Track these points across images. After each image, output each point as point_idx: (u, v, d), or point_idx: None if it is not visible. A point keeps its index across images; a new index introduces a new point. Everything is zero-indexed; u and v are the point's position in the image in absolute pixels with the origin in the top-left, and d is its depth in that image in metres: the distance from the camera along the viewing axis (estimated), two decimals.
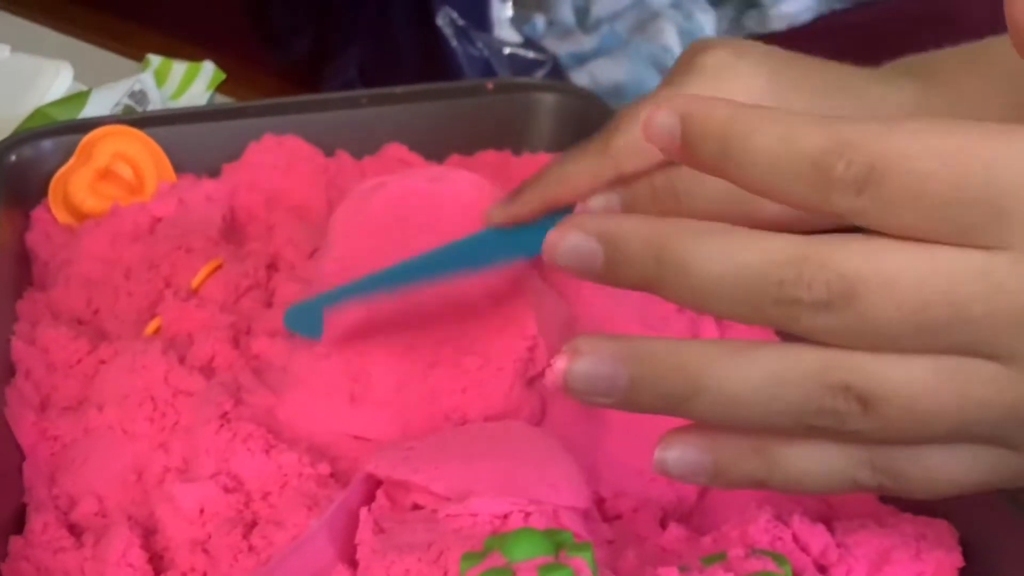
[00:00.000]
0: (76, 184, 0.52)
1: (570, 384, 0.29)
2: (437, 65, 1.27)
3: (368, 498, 0.37)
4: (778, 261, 0.27)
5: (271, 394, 0.42)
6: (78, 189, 0.52)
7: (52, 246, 0.52)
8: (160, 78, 0.65)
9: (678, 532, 0.38)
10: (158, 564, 0.38)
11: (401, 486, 0.37)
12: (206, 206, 0.52)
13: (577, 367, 0.28)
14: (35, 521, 0.39)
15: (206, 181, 0.54)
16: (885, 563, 0.36)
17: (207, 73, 0.66)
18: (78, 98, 0.61)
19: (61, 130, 0.55)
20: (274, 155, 0.55)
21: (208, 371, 0.43)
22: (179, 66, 0.65)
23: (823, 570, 0.36)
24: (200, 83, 0.65)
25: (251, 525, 0.38)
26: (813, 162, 0.27)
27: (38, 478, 0.41)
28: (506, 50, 1.32)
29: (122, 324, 0.47)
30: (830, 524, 0.37)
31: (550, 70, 1.34)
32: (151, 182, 0.54)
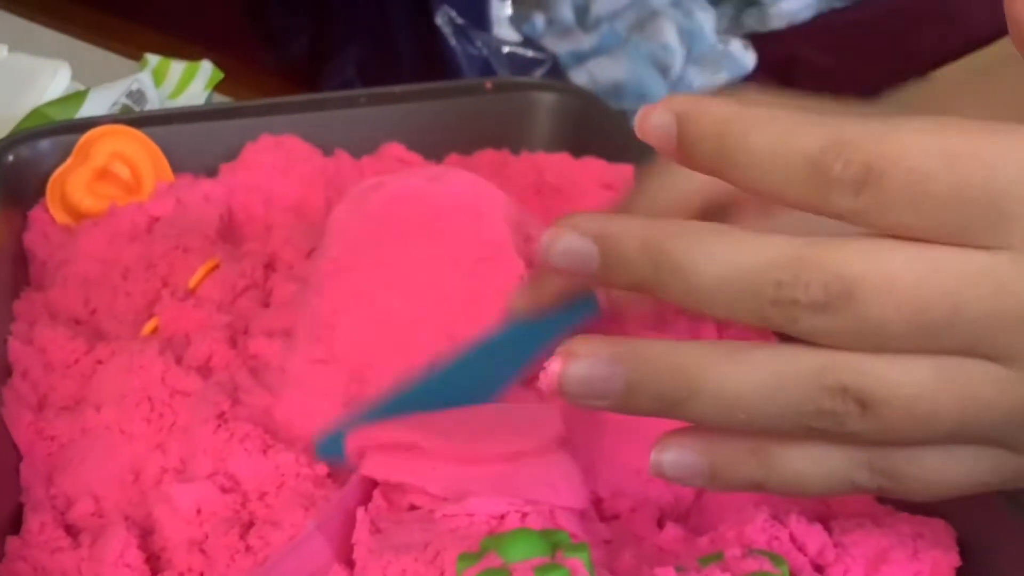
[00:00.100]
0: (74, 184, 0.52)
1: (565, 387, 0.28)
2: (436, 64, 1.27)
3: (365, 498, 0.37)
4: (775, 262, 0.27)
5: (268, 394, 0.42)
6: (76, 189, 0.52)
7: (49, 246, 0.52)
8: (158, 77, 0.65)
9: (675, 532, 0.38)
10: (155, 564, 0.38)
11: (398, 487, 0.37)
12: (204, 206, 0.52)
13: (573, 370, 0.28)
14: (32, 521, 0.39)
15: (204, 181, 0.54)
16: (882, 563, 0.36)
17: (205, 72, 0.66)
18: (75, 98, 0.61)
19: (59, 130, 0.55)
20: (272, 155, 0.55)
21: (205, 371, 0.43)
22: (177, 65, 0.65)
23: (820, 570, 0.36)
24: (198, 82, 0.65)
25: (248, 525, 0.38)
26: (810, 162, 0.27)
27: (35, 478, 0.41)
28: (505, 49, 1.32)
29: (119, 324, 0.47)
30: (827, 524, 0.37)
31: (549, 69, 1.34)
32: (149, 182, 0.54)
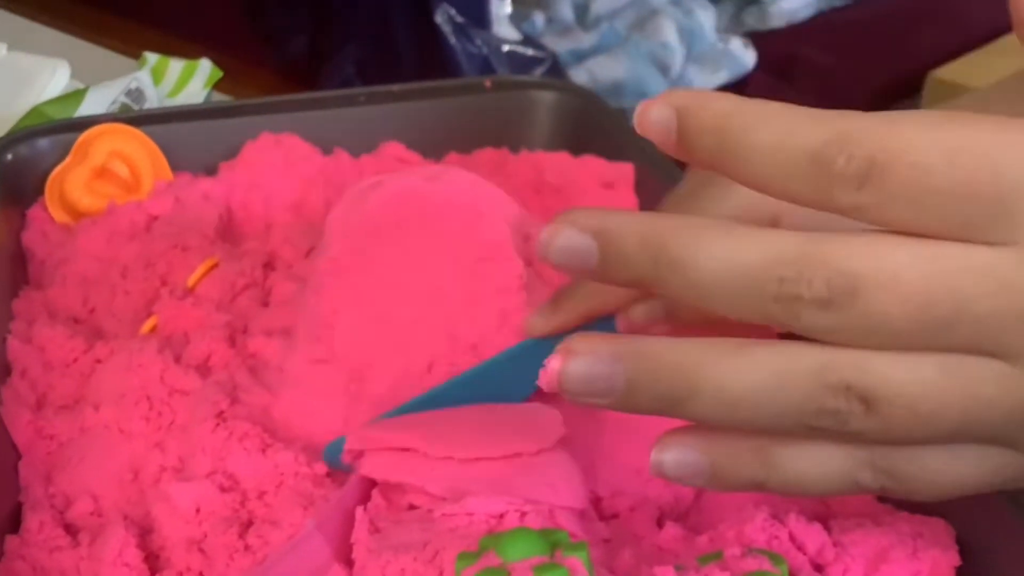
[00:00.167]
0: (72, 183, 0.52)
1: (565, 385, 0.28)
2: (436, 62, 1.27)
3: (364, 498, 0.37)
4: (778, 258, 0.27)
5: (267, 393, 0.42)
6: (74, 188, 0.52)
7: (48, 245, 0.52)
8: (157, 76, 0.65)
9: (675, 531, 0.37)
10: (154, 563, 0.38)
11: (396, 486, 0.37)
12: (203, 204, 0.52)
13: (573, 367, 0.28)
14: (31, 520, 0.39)
15: (203, 179, 0.54)
16: (882, 562, 0.36)
17: (204, 71, 0.66)
18: (74, 96, 0.61)
19: (57, 128, 0.55)
20: (271, 153, 0.55)
21: (204, 370, 0.43)
22: (176, 64, 0.65)
23: (820, 569, 0.36)
24: (197, 81, 0.65)
25: (247, 524, 0.38)
26: (813, 156, 0.27)
27: (34, 477, 0.41)
28: (505, 47, 1.32)
29: (118, 323, 0.47)
30: (826, 523, 0.37)
31: (549, 67, 1.34)
32: (147, 180, 0.54)
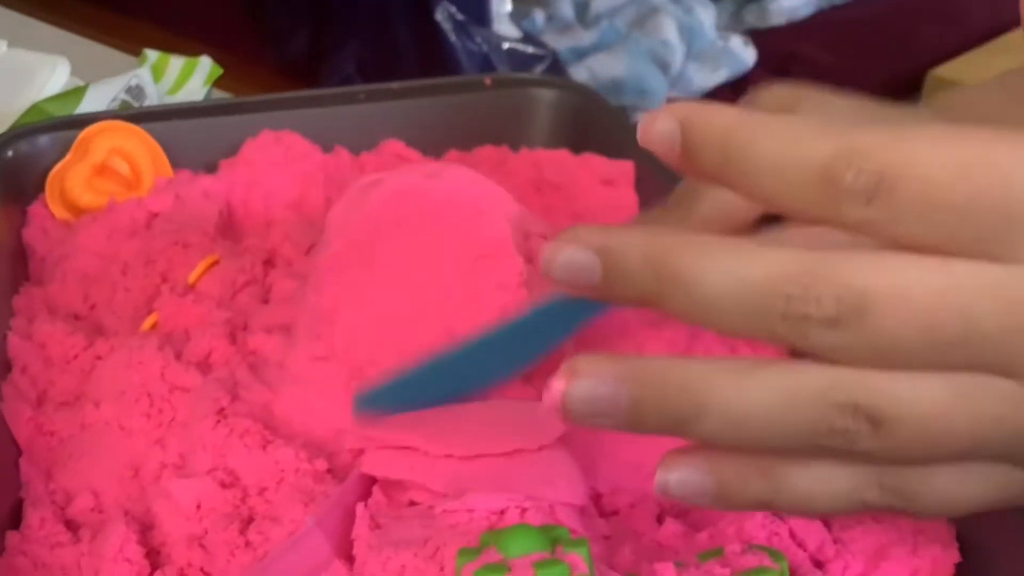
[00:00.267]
0: (73, 180, 0.52)
1: (569, 407, 0.28)
2: (436, 60, 1.27)
3: (364, 494, 0.37)
4: (785, 275, 0.26)
5: (268, 390, 0.42)
6: (75, 185, 0.52)
7: (49, 242, 0.52)
8: (157, 73, 0.65)
9: (675, 528, 0.38)
10: (155, 559, 0.38)
11: (397, 483, 0.37)
12: (203, 202, 0.52)
13: (576, 389, 0.27)
14: (32, 516, 0.39)
15: (203, 177, 0.54)
16: (882, 559, 0.36)
17: (204, 68, 0.66)
18: (75, 93, 0.61)
19: (57, 125, 0.55)
20: (271, 151, 0.55)
21: (205, 367, 0.43)
22: (176, 61, 0.65)
23: (820, 566, 0.36)
24: (197, 78, 0.65)
25: (248, 521, 0.38)
26: (820, 171, 0.26)
27: (35, 473, 0.41)
28: (505, 45, 1.32)
29: (119, 319, 0.47)
30: (827, 520, 0.37)
31: (549, 65, 1.34)
32: (148, 178, 0.53)
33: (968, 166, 0.26)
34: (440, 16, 1.26)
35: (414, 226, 0.45)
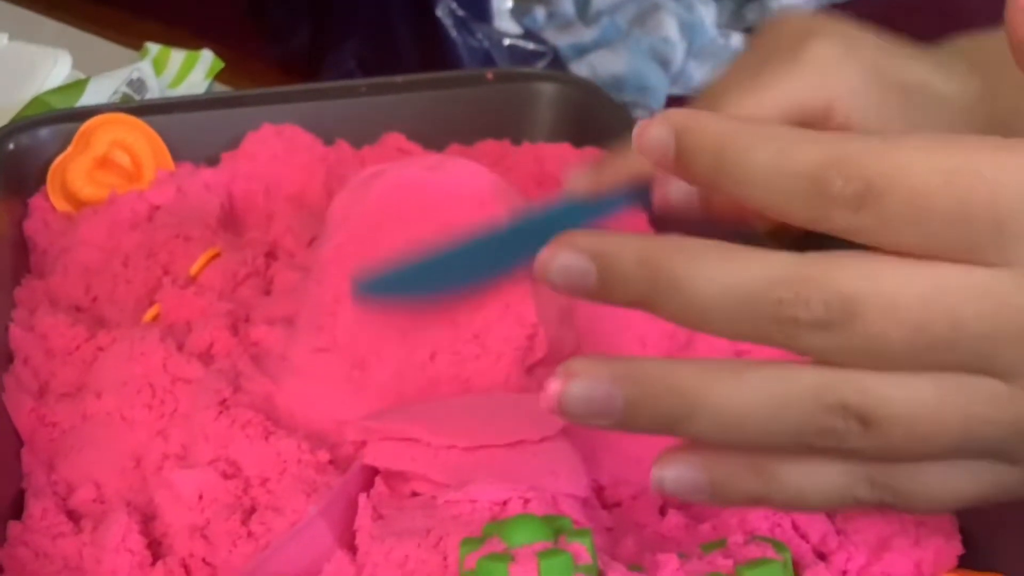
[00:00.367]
0: (74, 172, 0.52)
1: (565, 407, 0.28)
2: (437, 56, 1.27)
3: (367, 485, 0.37)
4: (776, 279, 0.27)
5: (270, 382, 0.42)
6: (76, 177, 0.52)
7: (50, 234, 0.52)
8: (158, 66, 0.65)
9: (677, 519, 0.38)
10: (157, 550, 0.38)
11: (399, 474, 0.37)
12: (204, 194, 0.52)
13: (572, 390, 0.28)
14: (34, 507, 0.39)
15: (204, 169, 0.54)
16: (884, 550, 0.36)
17: (205, 61, 0.66)
18: (76, 86, 0.61)
19: (59, 118, 0.55)
20: (273, 144, 0.55)
21: (207, 358, 0.43)
22: (177, 54, 0.65)
23: (823, 557, 0.36)
24: (198, 71, 0.65)
25: (250, 511, 0.38)
26: (810, 178, 0.27)
27: (37, 464, 0.41)
28: (506, 41, 1.32)
29: (120, 311, 0.47)
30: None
31: (550, 62, 1.34)
32: (149, 170, 0.53)
33: (954, 173, 0.26)
34: (441, 12, 1.26)
35: (416, 218, 0.44)
